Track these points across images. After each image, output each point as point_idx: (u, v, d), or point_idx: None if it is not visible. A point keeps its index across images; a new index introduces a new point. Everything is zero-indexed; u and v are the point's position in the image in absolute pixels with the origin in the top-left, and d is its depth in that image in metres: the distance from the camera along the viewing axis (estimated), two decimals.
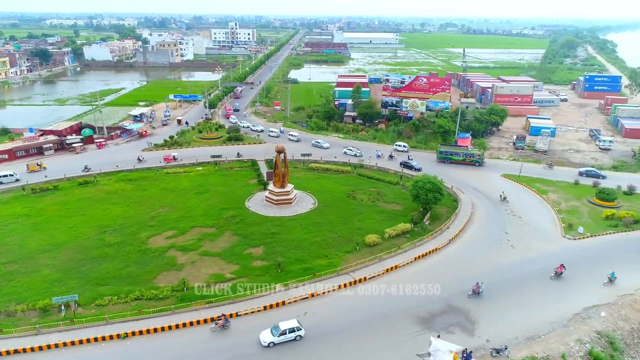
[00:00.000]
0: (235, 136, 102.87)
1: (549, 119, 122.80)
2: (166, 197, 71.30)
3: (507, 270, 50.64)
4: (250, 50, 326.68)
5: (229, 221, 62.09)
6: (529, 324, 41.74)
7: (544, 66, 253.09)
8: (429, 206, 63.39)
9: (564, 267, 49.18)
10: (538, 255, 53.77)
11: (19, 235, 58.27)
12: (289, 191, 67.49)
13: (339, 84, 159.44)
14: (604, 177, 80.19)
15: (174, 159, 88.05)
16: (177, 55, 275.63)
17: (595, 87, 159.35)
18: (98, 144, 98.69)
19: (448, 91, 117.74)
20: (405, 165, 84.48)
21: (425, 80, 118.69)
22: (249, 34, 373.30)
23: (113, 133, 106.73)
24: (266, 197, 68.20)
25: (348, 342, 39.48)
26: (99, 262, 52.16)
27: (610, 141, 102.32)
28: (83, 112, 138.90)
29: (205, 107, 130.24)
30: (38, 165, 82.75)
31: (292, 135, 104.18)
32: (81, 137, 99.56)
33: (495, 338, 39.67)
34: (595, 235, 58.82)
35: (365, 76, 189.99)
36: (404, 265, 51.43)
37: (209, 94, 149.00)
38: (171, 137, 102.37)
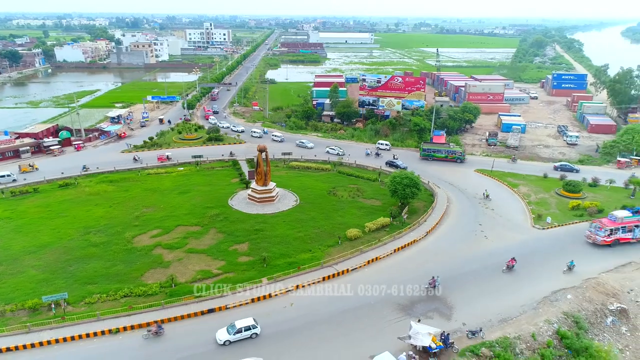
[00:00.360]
0: (215, 136, 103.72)
1: (519, 116, 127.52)
2: (149, 198, 71.95)
3: (481, 259, 53.46)
4: (226, 51, 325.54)
5: (213, 219, 63.32)
6: (502, 307, 44.55)
7: (514, 65, 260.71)
8: (407, 201, 65.96)
9: (515, 260, 51.34)
10: (511, 243, 56.99)
11: (1, 238, 58.25)
12: (271, 189, 69.11)
13: (317, 84, 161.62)
14: (577, 171, 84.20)
15: (168, 158, 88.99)
16: (152, 56, 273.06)
17: (563, 85, 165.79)
18: (76, 146, 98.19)
19: (423, 90, 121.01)
20: (390, 164, 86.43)
21: (400, 79, 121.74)
22: (224, 35, 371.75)
23: (91, 135, 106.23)
24: (249, 195, 69.65)
25: (332, 329, 41.43)
26: (86, 261, 52.77)
27: (577, 136, 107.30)
28: (58, 115, 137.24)
29: (184, 108, 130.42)
30: (30, 166, 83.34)
31: (275, 136, 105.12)
32: (58, 139, 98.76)
33: (471, 321, 42.28)
34: (562, 225, 62.37)
35: (342, 76, 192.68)
36: (384, 257, 53.76)
37: (187, 95, 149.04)
38: (151, 139, 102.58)
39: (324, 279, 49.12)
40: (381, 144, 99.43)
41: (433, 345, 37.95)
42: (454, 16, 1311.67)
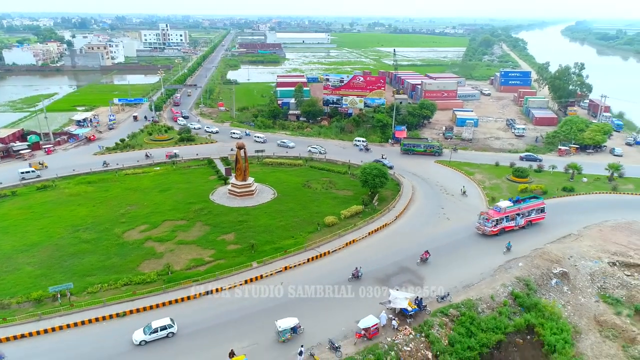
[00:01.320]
0: (187, 137, 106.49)
1: (472, 111, 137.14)
2: (131, 196, 74.58)
3: (445, 237, 60.34)
4: (183, 52, 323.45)
5: (198, 213, 67.14)
6: (465, 276, 51.41)
7: (465, 63, 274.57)
8: (376, 189, 72.17)
9: (428, 253, 54.32)
10: (469, 222, 64.18)
11: None
12: (250, 184, 73.57)
13: (280, 84, 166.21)
14: (540, 160, 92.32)
15: (175, 155, 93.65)
16: (108, 58, 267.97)
17: (510, 82, 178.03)
18: (47, 149, 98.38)
19: (383, 88, 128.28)
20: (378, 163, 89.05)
21: (362, 78, 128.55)
22: (181, 35, 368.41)
23: (60, 138, 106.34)
24: (229, 190, 73.78)
25: (320, 302, 46.72)
26: (80, 257, 55.50)
27: (524, 129, 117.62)
28: (18, 119, 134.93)
29: (151, 110, 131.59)
30: (40, 164, 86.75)
31: (258, 137, 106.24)
32: (27, 143, 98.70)
33: (439, 288, 48.78)
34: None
35: (303, 76, 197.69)
36: (360, 239, 59.67)
37: (152, 97, 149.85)
38: (122, 140, 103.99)
39: (308, 260, 54.39)
40: (358, 141, 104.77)
41: (409, 308, 44.08)
42: (406, 16, 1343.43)
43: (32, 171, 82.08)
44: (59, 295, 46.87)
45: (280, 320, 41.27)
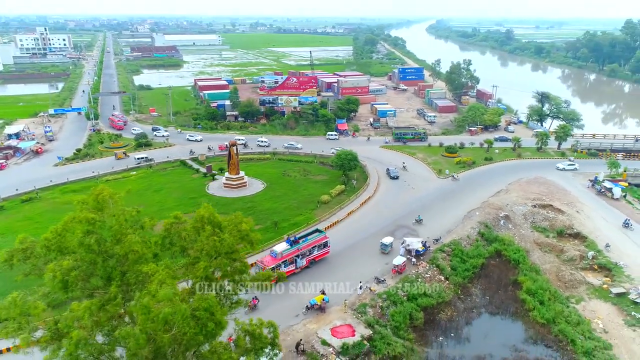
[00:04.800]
0: (144, 142, 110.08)
1: (387, 104, 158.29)
2: (127, 198, 78.70)
3: (416, 201, 77.45)
4: (69, 57, 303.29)
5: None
6: (444, 225, 68.92)
7: (359, 61, 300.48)
8: (350, 172, 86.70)
9: (257, 299, 49.14)
10: (430, 190, 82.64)
11: None
12: (242, 176, 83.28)
13: (203, 87, 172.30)
14: (508, 139, 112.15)
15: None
16: None
17: (408, 77, 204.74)
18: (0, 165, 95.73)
19: (315, 87, 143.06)
20: (387, 172, 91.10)
21: (295, 79, 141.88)
22: (64, 40, 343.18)
23: (6, 153, 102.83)
24: (225, 183, 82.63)
25: (350, 253, 59.99)
26: None
27: (434, 116, 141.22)
28: None
29: (90, 119, 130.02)
30: (124, 154, 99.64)
31: (262, 141, 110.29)
32: None
33: (432, 235, 65.31)
34: (456, 174, 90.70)
35: (220, 78, 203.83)
36: (356, 209, 73.92)
37: (70, 106, 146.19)
38: (79, 150, 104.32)
39: (325, 228, 66.94)
40: (330, 134, 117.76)
41: (420, 250, 59.75)
42: (284, 15, 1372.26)
43: (146, 157, 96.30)
44: None
45: (384, 238, 61.10)
